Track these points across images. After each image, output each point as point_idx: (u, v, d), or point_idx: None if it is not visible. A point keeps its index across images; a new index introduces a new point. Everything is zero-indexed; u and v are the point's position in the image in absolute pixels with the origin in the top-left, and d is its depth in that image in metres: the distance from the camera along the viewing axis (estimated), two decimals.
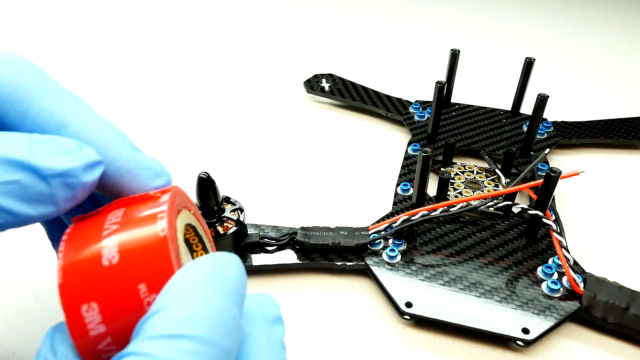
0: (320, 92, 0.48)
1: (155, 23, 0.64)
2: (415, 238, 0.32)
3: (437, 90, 0.37)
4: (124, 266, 0.15)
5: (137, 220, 0.16)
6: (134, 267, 0.15)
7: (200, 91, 0.50)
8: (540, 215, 0.30)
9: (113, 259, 0.15)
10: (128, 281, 0.14)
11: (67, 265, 0.15)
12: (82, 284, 0.14)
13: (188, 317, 0.13)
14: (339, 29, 0.64)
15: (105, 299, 0.14)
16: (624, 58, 0.59)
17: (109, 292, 0.14)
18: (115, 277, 0.14)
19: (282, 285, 0.30)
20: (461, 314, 0.27)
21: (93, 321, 0.14)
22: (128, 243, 0.15)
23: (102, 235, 0.15)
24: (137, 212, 0.16)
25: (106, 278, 0.14)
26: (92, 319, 0.14)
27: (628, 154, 0.42)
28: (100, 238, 0.15)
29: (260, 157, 0.41)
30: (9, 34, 0.60)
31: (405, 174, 0.37)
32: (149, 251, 0.15)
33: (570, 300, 0.28)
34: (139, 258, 0.15)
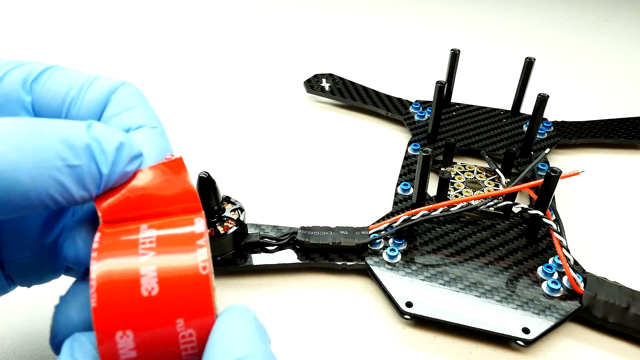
0: (320, 92, 0.48)
1: (155, 23, 0.64)
2: (415, 238, 0.32)
3: (437, 90, 0.37)
4: (163, 299, 0.14)
5: (175, 248, 0.15)
6: (174, 302, 0.15)
7: (200, 91, 0.50)
8: (541, 215, 0.30)
9: (152, 290, 0.14)
10: (166, 315, 0.14)
11: (103, 288, 0.14)
12: (118, 312, 0.14)
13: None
14: (339, 29, 0.64)
15: (142, 328, 0.14)
16: (624, 58, 0.59)
17: (146, 322, 0.14)
18: (154, 309, 0.14)
19: (283, 285, 0.30)
20: (461, 314, 0.27)
21: (125, 347, 0.14)
22: (168, 275, 0.15)
23: (139, 259, 0.15)
24: (172, 234, 0.16)
25: (144, 309, 0.14)
26: (124, 345, 0.14)
27: (628, 154, 0.42)
28: (136, 262, 0.15)
29: (260, 157, 0.41)
30: (9, 34, 0.60)
31: (405, 173, 0.37)
32: (189, 288, 0.15)
33: (570, 300, 0.28)
34: (179, 294, 0.15)
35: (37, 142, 0.15)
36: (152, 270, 0.15)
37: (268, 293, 0.30)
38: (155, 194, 0.17)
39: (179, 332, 0.14)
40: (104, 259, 0.15)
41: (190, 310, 0.15)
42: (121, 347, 0.14)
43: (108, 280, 0.14)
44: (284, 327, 0.28)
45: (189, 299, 0.15)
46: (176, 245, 0.15)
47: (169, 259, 0.15)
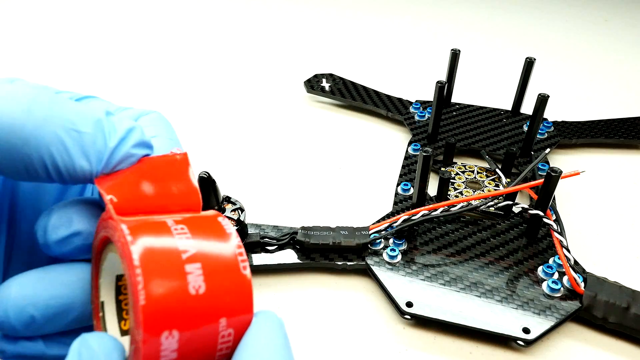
0: (320, 92, 0.48)
1: (155, 23, 0.64)
2: (415, 238, 0.31)
3: (437, 90, 0.37)
4: (210, 298, 0.14)
5: (212, 242, 0.15)
6: (220, 301, 0.14)
7: (201, 91, 0.50)
8: (541, 215, 0.30)
9: (200, 288, 0.14)
10: (213, 314, 0.14)
11: (151, 286, 0.14)
12: (168, 311, 0.14)
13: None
14: (339, 29, 0.64)
15: (187, 328, 0.14)
16: (624, 58, 0.59)
17: (193, 322, 0.14)
18: (201, 308, 0.14)
19: (283, 285, 0.30)
20: (462, 314, 0.27)
21: (169, 348, 0.14)
22: (214, 273, 0.15)
23: (181, 253, 0.14)
24: (204, 227, 0.16)
25: (192, 308, 0.14)
26: (168, 346, 0.14)
27: (628, 154, 0.42)
28: (179, 256, 0.14)
29: (260, 157, 0.41)
30: (9, 34, 0.60)
31: (405, 173, 0.37)
32: (234, 287, 0.15)
33: (570, 300, 0.28)
34: (225, 292, 0.14)
35: (52, 102, 0.15)
36: (197, 267, 0.14)
37: (268, 293, 0.30)
38: (159, 184, 0.16)
39: (220, 331, 0.14)
40: (145, 252, 0.14)
41: (234, 310, 0.15)
42: (165, 347, 0.14)
43: (156, 277, 0.14)
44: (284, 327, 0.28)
45: (234, 297, 0.15)
46: (212, 240, 0.15)
47: (211, 256, 0.15)
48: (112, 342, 0.15)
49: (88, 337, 0.14)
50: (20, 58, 0.55)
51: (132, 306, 0.14)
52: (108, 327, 0.16)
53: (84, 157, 0.16)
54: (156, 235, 0.15)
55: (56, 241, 0.16)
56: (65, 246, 0.16)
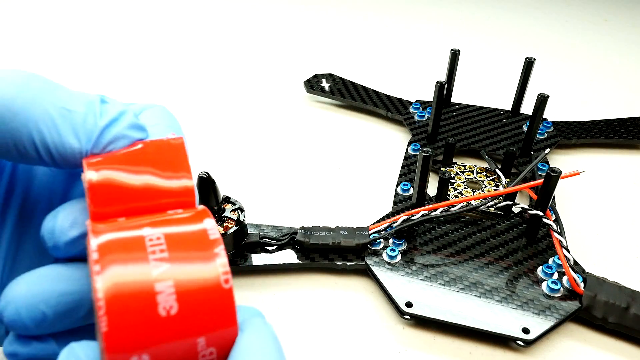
0: (320, 92, 0.48)
1: (155, 23, 0.64)
2: (415, 238, 0.31)
3: (437, 90, 0.37)
4: (184, 319, 0.13)
5: (190, 255, 0.14)
6: (196, 320, 0.13)
7: (201, 91, 0.50)
8: (541, 215, 0.30)
9: (171, 309, 0.13)
10: (187, 335, 0.13)
11: (114, 309, 0.13)
12: (133, 335, 0.13)
13: None
14: (339, 29, 0.64)
15: (160, 351, 0.13)
16: (624, 58, 0.59)
17: (165, 345, 0.13)
18: (174, 330, 0.13)
19: (282, 285, 0.30)
20: (461, 314, 0.27)
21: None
22: (187, 291, 0.13)
23: (152, 273, 0.13)
24: (183, 238, 0.14)
25: (163, 330, 0.13)
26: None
27: (628, 154, 0.42)
28: (149, 276, 0.13)
29: (260, 157, 0.41)
30: (10, 34, 0.60)
31: (405, 173, 0.37)
32: (212, 304, 0.13)
33: (570, 300, 0.28)
34: (201, 312, 0.13)
35: (45, 83, 0.15)
36: (169, 286, 0.13)
37: (268, 293, 0.30)
38: (149, 167, 0.15)
39: (199, 351, 0.13)
40: (110, 271, 0.13)
41: (213, 328, 0.13)
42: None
43: (120, 300, 0.13)
44: (284, 327, 0.28)
45: (212, 316, 0.13)
46: (191, 252, 0.14)
47: (185, 272, 0.13)
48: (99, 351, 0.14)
49: (75, 346, 0.14)
50: (22, 58, 0.55)
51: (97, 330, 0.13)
52: None
53: (73, 135, 0.15)
54: (126, 255, 0.13)
55: (66, 243, 0.16)
56: (74, 248, 0.16)
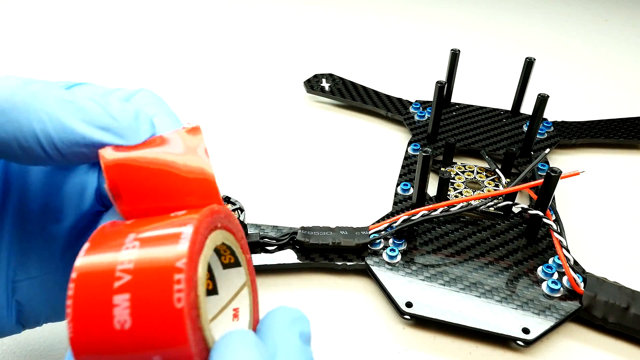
0: (320, 92, 0.48)
1: (155, 23, 0.64)
2: (415, 238, 0.31)
3: (437, 90, 0.37)
4: (136, 334, 0.13)
5: (152, 269, 0.14)
6: (148, 338, 0.13)
7: (201, 91, 0.50)
8: (541, 215, 0.30)
9: (125, 323, 0.13)
10: (141, 350, 0.13)
11: (77, 316, 0.13)
12: (93, 343, 0.13)
13: None
14: (339, 29, 0.64)
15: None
16: (624, 58, 0.59)
17: (121, 357, 0.13)
18: (127, 344, 0.13)
19: (282, 285, 0.30)
20: (461, 314, 0.27)
21: None
22: (141, 308, 0.13)
23: (114, 284, 0.13)
24: (153, 250, 0.14)
25: (117, 344, 0.13)
26: None
27: (628, 154, 0.42)
28: (111, 287, 0.13)
29: (260, 157, 0.41)
30: (10, 34, 0.60)
31: (405, 173, 0.37)
32: (163, 323, 0.13)
33: (570, 300, 0.28)
34: (152, 330, 0.13)
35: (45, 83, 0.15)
36: (126, 299, 0.13)
37: (268, 293, 0.30)
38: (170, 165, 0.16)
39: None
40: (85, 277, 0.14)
41: (165, 347, 0.13)
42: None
43: (82, 310, 0.13)
44: None
45: (164, 335, 0.13)
46: (154, 269, 0.14)
47: (143, 287, 0.13)
48: None
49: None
50: (18, 56, 0.55)
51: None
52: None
53: (78, 120, 0.15)
54: (101, 259, 0.14)
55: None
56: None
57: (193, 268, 0.14)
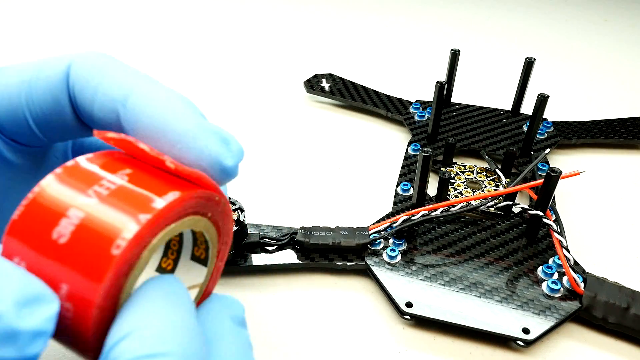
0: (320, 92, 0.48)
1: (155, 23, 0.64)
2: (415, 238, 0.31)
3: (437, 90, 0.37)
4: (64, 254, 0.13)
5: (120, 206, 0.14)
6: (72, 260, 0.13)
7: (200, 91, 0.50)
8: (541, 215, 0.30)
9: (61, 237, 0.13)
10: (57, 272, 0.13)
11: (31, 207, 0.13)
12: (27, 238, 0.13)
13: (158, 336, 0.13)
14: (339, 29, 0.64)
15: (32, 269, 0.13)
16: (624, 58, 0.59)
17: (38, 266, 0.13)
18: (51, 258, 0.13)
19: (282, 285, 0.30)
20: (461, 314, 0.27)
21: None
22: (83, 234, 0.13)
23: (78, 199, 0.14)
24: (129, 194, 0.14)
25: (44, 251, 0.13)
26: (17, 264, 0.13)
27: (628, 154, 0.42)
28: (74, 200, 0.14)
29: (260, 157, 0.41)
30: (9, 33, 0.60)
31: (405, 174, 0.37)
32: (92, 258, 0.13)
33: (570, 300, 0.28)
34: (80, 255, 0.13)
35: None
36: (78, 217, 0.13)
37: (268, 293, 0.30)
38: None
39: (60, 296, 0.13)
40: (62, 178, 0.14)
41: (80, 278, 0.13)
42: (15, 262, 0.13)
43: (38, 203, 0.13)
44: (284, 327, 0.28)
45: (87, 266, 0.13)
46: (123, 205, 0.14)
47: (100, 216, 0.13)
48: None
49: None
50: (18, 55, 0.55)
51: None
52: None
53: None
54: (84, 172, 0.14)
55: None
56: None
57: (151, 232, 0.14)
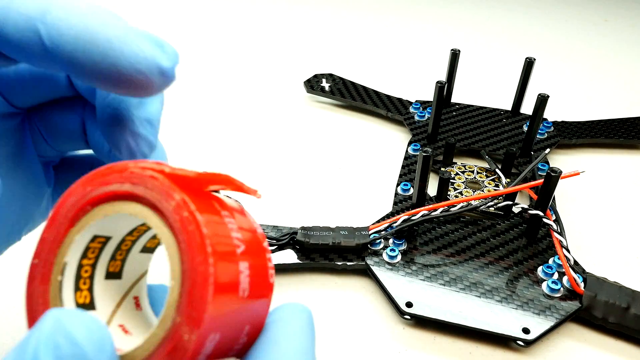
0: (320, 92, 0.48)
1: (155, 22, 0.64)
2: (415, 238, 0.31)
3: (437, 90, 0.37)
4: (249, 303, 0.13)
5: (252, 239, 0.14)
6: (253, 307, 0.13)
7: (201, 91, 0.50)
8: (541, 215, 0.30)
9: (245, 291, 0.13)
10: (244, 320, 0.13)
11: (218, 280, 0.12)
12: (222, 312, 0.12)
13: None
14: (339, 29, 0.64)
15: (227, 332, 0.12)
16: (624, 58, 0.59)
17: (232, 326, 0.13)
18: (241, 313, 0.13)
19: (282, 285, 0.30)
20: (461, 314, 0.27)
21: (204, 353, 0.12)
22: (256, 276, 0.13)
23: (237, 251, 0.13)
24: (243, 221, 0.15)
25: (236, 312, 0.13)
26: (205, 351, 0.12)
27: (628, 154, 0.42)
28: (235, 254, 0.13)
29: (260, 157, 0.41)
30: None
31: (405, 173, 0.37)
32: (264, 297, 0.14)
33: (570, 300, 0.28)
34: (258, 300, 0.13)
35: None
36: (246, 267, 0.13)
37: None
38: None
39: (240, 338, 0.13)
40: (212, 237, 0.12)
41: (257, 318, 0.14)
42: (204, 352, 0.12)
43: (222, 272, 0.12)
44: None
45: (261, 306, 0.14)
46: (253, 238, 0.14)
47: (254, 257, 0.14)
48: (99, 329, 0.11)
49: (63, 317, 0.10)
50: None
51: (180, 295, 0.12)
52: (64, 298, 0.13)
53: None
54: (213, 220, 0.13)
55: None
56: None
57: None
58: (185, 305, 0.12)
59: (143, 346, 0.12)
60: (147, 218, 0.13)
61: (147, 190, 0.12)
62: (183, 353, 0.11)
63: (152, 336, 0.12)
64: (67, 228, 0.13)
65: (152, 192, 0.12)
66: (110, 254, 0.14)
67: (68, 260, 0.13)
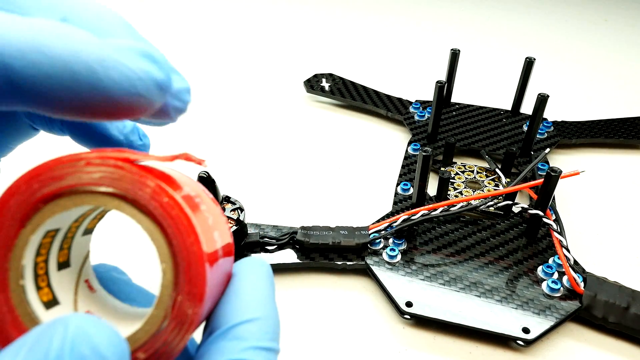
0: (320, 92, 0.48)
1: (155, 22, 0.64)
2: (415, 237, 0.31)
3: (437, 90, 0.37)
4: (225, 263, 0.15)
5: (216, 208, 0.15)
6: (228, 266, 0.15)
7: (201, 91, 0.50)
8: (541, 215, 0.30)
9: (220, 255, 0.14)
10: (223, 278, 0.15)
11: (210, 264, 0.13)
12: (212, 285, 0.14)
13: (274, 333, 0.14)
14: (339, 29, 0.64)
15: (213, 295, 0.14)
16: (624, 58, 0.59)
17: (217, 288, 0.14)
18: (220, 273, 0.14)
19: (282, 285, 0.30)
20: (461, 314, 0.27)
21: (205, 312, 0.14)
22: (225, 241, 0.15)
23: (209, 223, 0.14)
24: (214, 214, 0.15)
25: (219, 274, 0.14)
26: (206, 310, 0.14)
27: (628, 154, 0.42)
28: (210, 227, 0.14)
29: (260, 156, 0.41)
30: None
31: (405, 173, 0.37)
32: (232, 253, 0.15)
33: (570, 300, 0.28)
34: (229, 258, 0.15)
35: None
36: (218, 236, 0.14)
37: None
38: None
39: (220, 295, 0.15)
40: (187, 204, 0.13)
41: (228, 275, 0.15)
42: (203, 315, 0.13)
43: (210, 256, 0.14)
44: (284, 327, 0.28)
45: (230, 262, 0.15)
46: (213, 205, 0.16)
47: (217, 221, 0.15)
48: (120, 342, 0.11)
49: (87, 327, 0.10)
50: None
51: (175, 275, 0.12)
52: (30, 300, 0.13)
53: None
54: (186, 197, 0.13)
55: None
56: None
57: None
58: (184, 284, 0.12)
59: (144, 328, 0.12)
60: (118, 207, 0.12)
61: (115, 180, 0.12)
62: (188, 326, 0.12)
63: (151, 317, 0.12)
64: (18, 230, 0.12)
65: (121, 181, 0.12)
66: (59, 245, 0.14)
67: (26, 262, 0.12)
